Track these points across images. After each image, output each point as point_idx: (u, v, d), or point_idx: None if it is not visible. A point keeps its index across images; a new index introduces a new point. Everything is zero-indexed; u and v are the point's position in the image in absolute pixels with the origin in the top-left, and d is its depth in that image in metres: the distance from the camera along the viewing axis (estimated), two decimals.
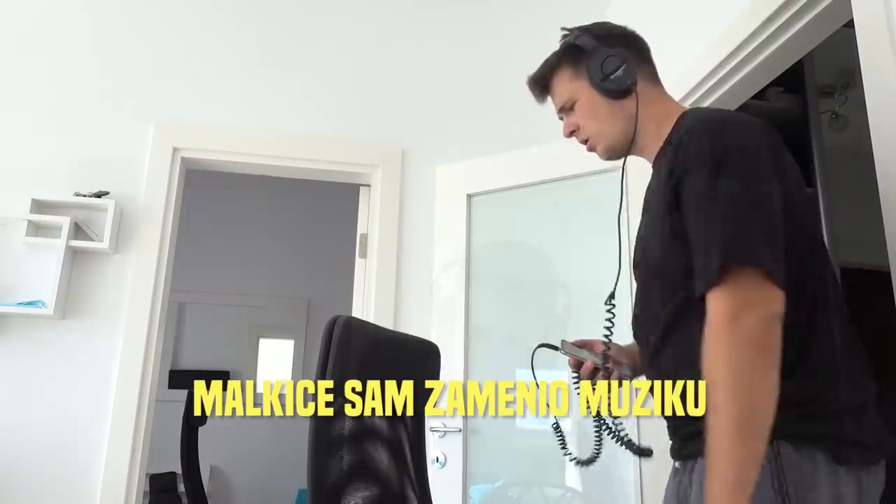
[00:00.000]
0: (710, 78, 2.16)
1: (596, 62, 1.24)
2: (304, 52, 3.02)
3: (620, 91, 1.24)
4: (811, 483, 0.98)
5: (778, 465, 0.98)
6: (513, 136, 2.99)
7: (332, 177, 3.00)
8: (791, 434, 0.99)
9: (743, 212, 1.01)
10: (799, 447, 1.00)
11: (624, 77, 1.23)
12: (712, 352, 0.98)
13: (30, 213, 2.53)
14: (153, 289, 2.63)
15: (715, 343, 0.98)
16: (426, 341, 1.62)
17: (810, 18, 1.81)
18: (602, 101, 1.27)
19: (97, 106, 2.79)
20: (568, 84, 1.31)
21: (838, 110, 2.96)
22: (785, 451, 0.99)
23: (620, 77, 1.23)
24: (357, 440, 1.33)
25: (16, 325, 2.53)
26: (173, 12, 2.95)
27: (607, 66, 1.23)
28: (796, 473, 0.98)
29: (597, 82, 1.25)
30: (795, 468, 0.99)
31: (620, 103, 1.25)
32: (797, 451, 0.99)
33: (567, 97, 1.32)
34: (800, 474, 0.98)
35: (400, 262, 2.84)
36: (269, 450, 4.76)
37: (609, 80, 1.23)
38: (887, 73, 1.44)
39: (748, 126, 1.10)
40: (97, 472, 2.45)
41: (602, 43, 1.26)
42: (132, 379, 2.53)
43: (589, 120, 1.30)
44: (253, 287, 5.02)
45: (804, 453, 0.99)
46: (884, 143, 1.44)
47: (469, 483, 2.44)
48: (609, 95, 1.25)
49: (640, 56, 1.30)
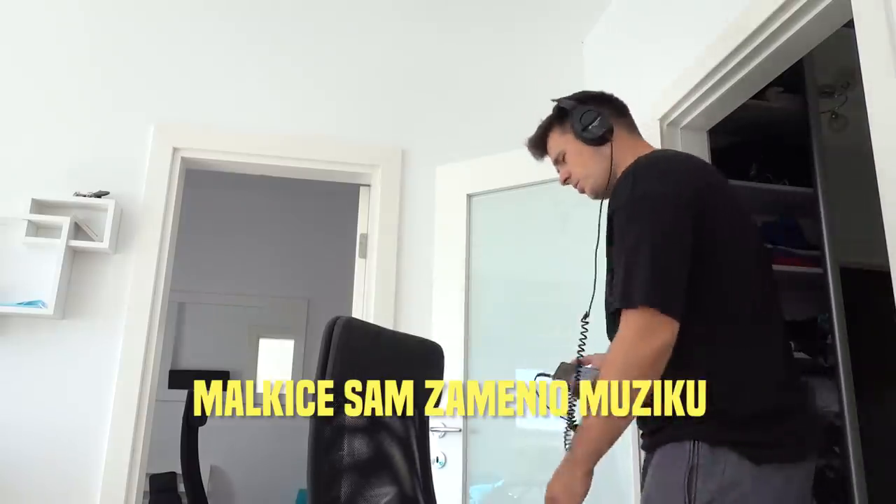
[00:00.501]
0: (710, 78, 2.16)
1: (576, 117, 1.51)
2: (304, 52, 3.02)
3: (598, 138, 1.49)
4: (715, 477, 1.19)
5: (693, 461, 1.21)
6: (513, 136, 2.97)
7: (332, 177, 3.00)
8: (706, 437, 1.22)
9: (644, 257, 1.23)
10: (713, 448, 1.21)
11: (599, 126, 1.48)
12: (612, 356, 1.24)
13: (30, 213, 2.53)
14: (153, 289, 2.63)
15: (615, 351, 1.24)
16: (428, 341, 1.62)
17: (810, 18, 1.81)
18: (584, 149, 1.52)
19: (97, 106, 2.79)
20: (558, 139, 1.58)
21: (838, 110, 2.96)
22: (703, 451, 1.21)
23: (596, 127, 1.48)
24: (357, 440, 1.33)
25: (16, 325, 2.53)
26: (173, 13, 2.95)
27: (585, 119, 1.49)
28: (707, 470, 1.20)
29: (578, 133, 1.50)
30: (708, 466, 1.20)
31: (600, 149, 1.51)
32: (712, 452, 1.21)
33: (558, 150, 1.58)
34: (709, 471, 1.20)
35: (400, 262, 2.84)
36: (269, 450, 4.76)
37: (588, 129, 1.49)
38: (887, 73, 1.44)
39: (673, 172, 1.34)
40: (97, 472, 2.45)
41: (581, 103, 1.53)
42: (132, 379, 2.53)
43: (577, 166, 1.55)
44: (253, 287, 5.02)
45: (718, 454, 1.20)
46: (884, 143, 1.44)
47: (469, 483, 2.44)
48: (589, 143, 1.51)
49: (617, 111, 1.56)
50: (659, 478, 1.28)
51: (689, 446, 1.23)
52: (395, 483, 1.38)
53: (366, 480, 1.30)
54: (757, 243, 1.36)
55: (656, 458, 1.30)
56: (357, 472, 1.29)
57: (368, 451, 1.34)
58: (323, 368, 1.27)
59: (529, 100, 3.14)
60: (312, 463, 1.21)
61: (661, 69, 2.48)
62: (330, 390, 1.27)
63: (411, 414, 1.57)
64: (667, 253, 1.24)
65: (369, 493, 1.30)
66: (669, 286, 1.22)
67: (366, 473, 1.31)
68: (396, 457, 1.42)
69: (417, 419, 1.59)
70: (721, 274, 1.28)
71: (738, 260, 1.31)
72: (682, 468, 1.22)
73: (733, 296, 1.29)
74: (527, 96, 3.12)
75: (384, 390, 1.45)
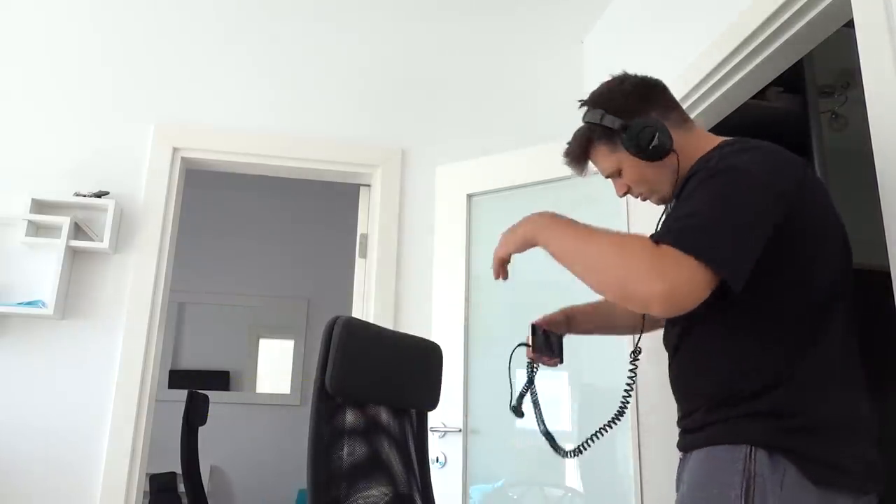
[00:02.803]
0: (710, 78, 2.16)
1: (630, 137, 1.26)
2: (304, 52, 3.02)
3: (663, 154, 1.26)
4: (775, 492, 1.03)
5: (750, 470, 1.04)
6: (513, 136, 3.00)
7: (332, 177, 3.00)
8: (766, 443, 1.06)
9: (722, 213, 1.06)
10: (773, 456, 1.05)
11: (663, 141, 1.25)
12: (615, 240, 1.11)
13: (30, 213, 2.53)
14: (153, 289, 2.63)
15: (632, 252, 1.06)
16: (427, 341, 1.62)
17: (810, 18, 1.81)
18: (646, 166, 1.30)
19: (97, 106, 2.79)
20: (609, 156, 1.35)
21: (838, 110, 2.96)
22: (760, 458, 1.05)
23: (658, 145, 1.25)
24: (357, 440, 1.33)
25: (16, 325, 2.53)
26: (173, 13, 2.95)
27: (642, 139, 1.25)
28: (767, 482, 1.03)
29: (637, 154, 1.27)
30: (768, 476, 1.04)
31: (663, 161, 1.28)
32: (770, 459, 1.04)
33: (612, 168, 1.36)
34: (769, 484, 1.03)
35: (400, 262, 2.84)
36: (269, 450, 4.76)
37: (650, 150, 1.26)
38: (887, 73, 1.44)
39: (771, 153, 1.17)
40: (97, 472, 2.45)
41: (626, 116, 1.29)
42: (132, 379, 2.53)
43: (640, 184, 1.34)
44: (253, 287, 5.02)
45: (776, 464, 1.04)
46: (884, 143, 1.44)
47: (469, 483, 2.44)
48: (653, 160, 1.28)
49: (663, 104, 1.33)
50: (704, 484, 1.10)
51: (746, 451, 1.06)
52: (394, 483, 1.38)
53: (365, 481, 1.30)
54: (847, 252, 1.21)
55: (701, 460, 1.13)
56: (357, 473, 1.29)
57: (368, 452, 1.34)
58: (323, 368, 1.27)
59: (530, 100, 3.15)
60: (312, 463, 1.21)
61: (660, 69, 2.47)
62: (330, 390, 1.27)
63: (411, 414, 1.57)
64: (746, 225, 1.06)
65: (369, 493, 1.30)
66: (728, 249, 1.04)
67: (365, 474, 1.31)
68: (395, 457, 1.42)
69: (416, 419, 1.59)
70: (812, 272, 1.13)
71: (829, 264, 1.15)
72: (737, 476, 1.05)
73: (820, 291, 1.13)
74: (527, 96, 3.12)
75: (384, 390, 1.45)
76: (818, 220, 1.16)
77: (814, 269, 1.12)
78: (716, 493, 1.06)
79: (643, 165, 1.29)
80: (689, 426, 1.20)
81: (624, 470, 2.23)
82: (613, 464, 2.28)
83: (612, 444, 2.27)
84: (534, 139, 2.90)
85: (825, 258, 1.14)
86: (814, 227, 1.14)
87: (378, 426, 1.40)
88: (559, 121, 3.00)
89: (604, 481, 2.32)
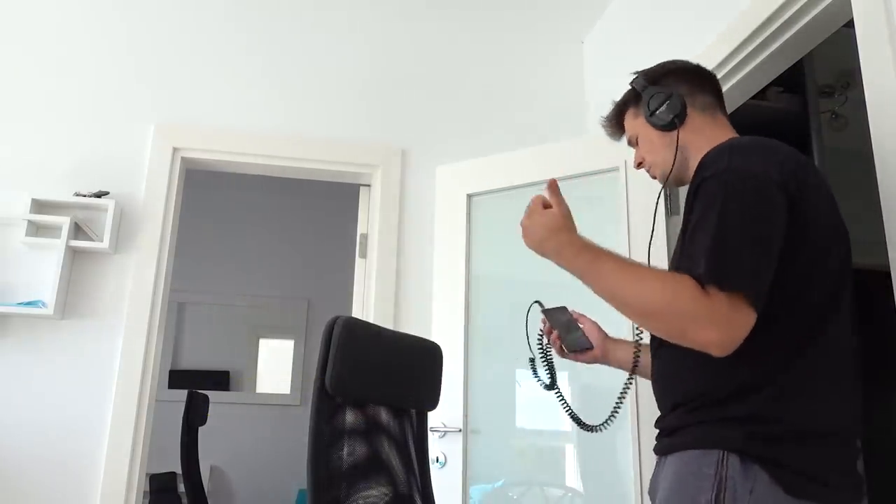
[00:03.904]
0: None
1: (644, 101, 1.36)
2: (304, 52, 3.02)
3: (666, 124, 1.34)
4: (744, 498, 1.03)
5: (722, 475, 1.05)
6: (513, 136, 2.99)
7: (333, 177, 3.00)
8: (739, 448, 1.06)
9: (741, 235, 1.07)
10: (744, 462, 1.05)
11: (667, 111, 1.33)
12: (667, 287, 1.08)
13: (30, 213, 2.53)
14: (153, 289, 2.63)
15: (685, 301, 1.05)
16: (427, 341, 1.62)
17: (810, 18, 1.81)
18: (655, 134, 1.37)
19: (97, 106, 2.79)
20: (632, 121, 1.43)
21: (838, 110, 2.96)
22: (732, 463, 1.05)
23: (663, 112, 1.33)
24: (357, 440, 1.33)
25: (16, 325, 2.53)
26: (174, 13, 2.95)
27: (653, 104, 1.34)
28: (738, 488, 1.03)
29: (647, 118, 1.36)
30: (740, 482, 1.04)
31: (671, 134, 1.34)
32: (742, 466, 1.04)
33: (632, 133, 1.45)
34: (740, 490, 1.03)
35: (400, 262, 2.84)
36: (269, 450, 4.75)
37: (655, 115, 1.34)
38: (887, 73, 1.44)
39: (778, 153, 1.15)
40: (97, 472, 2.45)
41: (654, 83, 1.37)
42: (132, 379, 2.53)
43: (648, 153, 1.41)
44: (253, 287, 5.02)
45: (748, 470, 1.04)
46: (884, 143, 1.44)
47: (469, 483, 2.44)
48: (659, 128, 1.35)
49: (697, 88, 1.37)
50: (677, 489, 1.11)
51: (719, 456, 1.06)
52: (394, 483, 1.38)
53: (365, 481, 1.30)
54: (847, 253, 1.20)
55: (674, 465, 1.14)
56: (356, 473, 1.29)
57: (368, 452, 1.34)
58: (323, 368, 1.27)
59: (530, 100, 3.15)
60: (312, 463, 1.21)
61: None
62: (330, 390, 1.27)
63: (410, 414, 1.57)
64: (768, 239, 1.07)
65: (369, 493, 1.30)
66: (762, 276, 1.06)
67: (365, 474, 1.31)
68: (395, 457, 1.42)
69: (416, 419, 1.59)
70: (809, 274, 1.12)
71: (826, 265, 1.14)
72: (708, 481, 1.05)
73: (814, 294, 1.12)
74: (527, 96, 3.12)
75: (384, 390, 1.45)
76: (819, 224, 1.14)
77: (811, 277, 1.11)
78: (688, 498, 1.07)
79: (653, 133, 1.37)
80: (666, 429, 1.21)
81: (624, 470, 2.23)
82: (613, 464, 2.28)
83: (613, 444, 2.27)
84: (534, 139, 2.90)
85: (823, 265, 1.13)
86: (815, 231, 1.13)
87: (378, 426, 1.40)
88: (559, 121, 3.00)
89: (604, 481, 2.32)
